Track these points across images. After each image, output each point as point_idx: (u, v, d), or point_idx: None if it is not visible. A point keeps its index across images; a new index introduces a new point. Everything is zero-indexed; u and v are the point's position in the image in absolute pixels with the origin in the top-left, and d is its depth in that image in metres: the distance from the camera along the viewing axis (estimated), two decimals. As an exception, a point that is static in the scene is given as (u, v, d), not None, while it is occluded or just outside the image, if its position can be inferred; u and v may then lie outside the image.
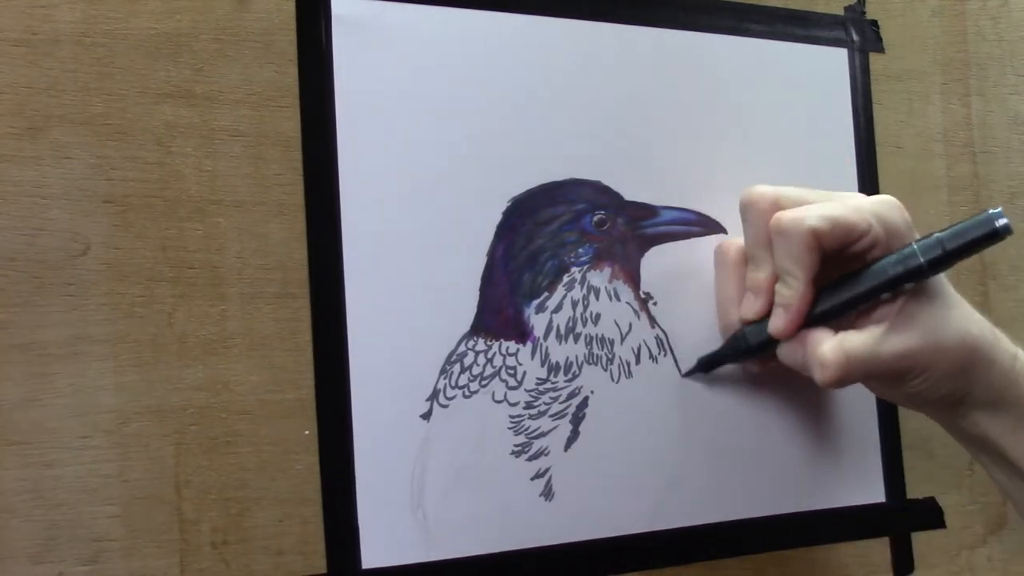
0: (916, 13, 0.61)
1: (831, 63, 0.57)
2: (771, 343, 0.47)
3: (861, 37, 0.58)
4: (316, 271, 0.45)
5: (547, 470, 0.48)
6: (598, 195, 0.50)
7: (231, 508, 0.43)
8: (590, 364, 0.49)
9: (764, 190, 0.46)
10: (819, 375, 0.44)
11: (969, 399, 0.46)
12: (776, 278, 0.46)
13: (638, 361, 0.50)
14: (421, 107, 0.47)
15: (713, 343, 0.51)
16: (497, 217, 0.48)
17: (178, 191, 0.43)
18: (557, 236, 0.49)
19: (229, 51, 0.44)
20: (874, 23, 0.59)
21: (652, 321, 0.51)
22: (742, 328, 0.49)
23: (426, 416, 0.46)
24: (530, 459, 0.48)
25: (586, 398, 0.49)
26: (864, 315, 0.45)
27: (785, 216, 0.44)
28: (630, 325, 0.50)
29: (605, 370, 0.49)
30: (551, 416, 0.48)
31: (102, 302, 0.42)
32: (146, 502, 0.42)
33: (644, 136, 0.52)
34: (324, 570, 0.44)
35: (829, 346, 0.44)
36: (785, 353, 0.46)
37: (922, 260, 0.43)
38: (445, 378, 0.46)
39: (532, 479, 0.48)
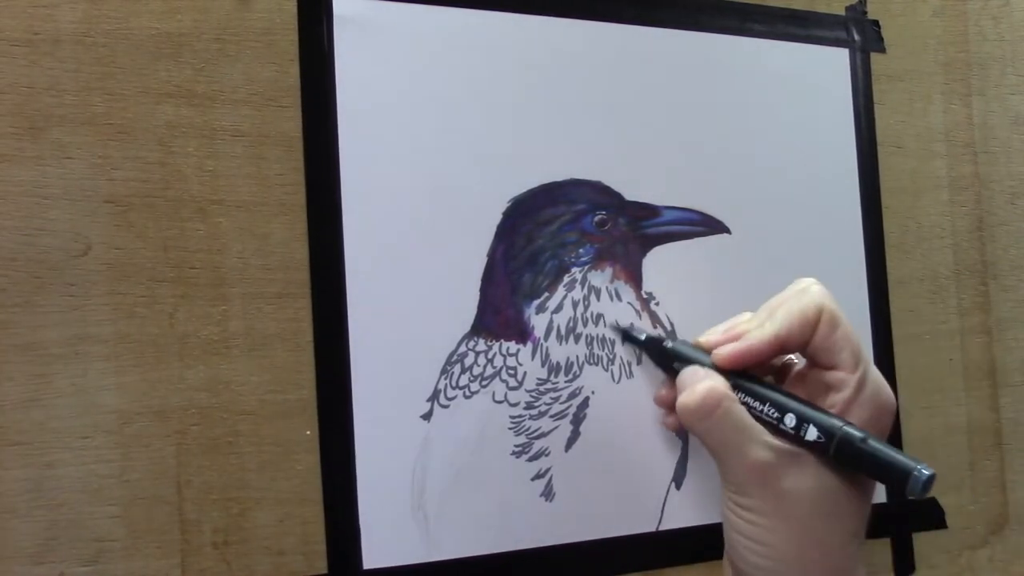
0: (917, 13, 0.61)
1: (832, 63, 0.57)
2: (684, 361, 0.45)
3: (862, 37, 0.58)
4: (317, 271, 0.45)
5: (547, 470, 0.48)
6: (599, 195, 0.50)
7: (232, 508, 0.43)
8: (591, 364, 0.49)
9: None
10: (682, 398, 0.42)
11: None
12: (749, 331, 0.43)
13: (639, 361, 0.50)
14: (422, 107, 0.47)
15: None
16: (497, 217, 0.48)
17: (180, 191, 0.43)
18: (557, 236, 0.49)
19: (230, 51, 0.44)
20: (875, 23, 0.59)
21: (654, 321, 0.51)
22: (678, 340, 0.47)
23: (427, 416, 0.46)
24: (530, 459, 0.48)
25: (587, 398, 0.49)
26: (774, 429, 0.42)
27: (815, 286, 0.43)
28: (631, 325, 0.50)
29: (606, 370, 0.49)
30: (552, 416, 0.48)
31: (103, 302, 0.42)
32: (147, 502, 0.42)
33: (644, 136, 0.52)
34: (325, 570, 0.44)
35: (712, 382, 0.42)
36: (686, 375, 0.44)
37: (838, 433, 0.40)
38: (446, 378, 0.46)
39: (532, 479, 0.48)
